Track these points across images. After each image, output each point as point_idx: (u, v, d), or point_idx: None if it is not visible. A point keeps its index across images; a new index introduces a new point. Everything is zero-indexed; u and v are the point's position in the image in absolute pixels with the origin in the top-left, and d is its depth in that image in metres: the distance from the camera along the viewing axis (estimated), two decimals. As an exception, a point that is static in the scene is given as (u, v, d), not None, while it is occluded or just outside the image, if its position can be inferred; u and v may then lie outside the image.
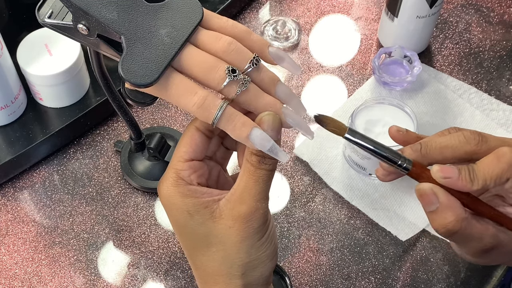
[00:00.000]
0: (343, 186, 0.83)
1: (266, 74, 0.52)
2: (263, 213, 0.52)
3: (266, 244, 0.53)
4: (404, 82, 0.88)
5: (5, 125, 0.84)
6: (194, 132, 0.54)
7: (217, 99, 0.50)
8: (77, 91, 0.85)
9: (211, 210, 0.52)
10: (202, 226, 0.52)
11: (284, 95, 0.53)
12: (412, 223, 0.80)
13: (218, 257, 0.53)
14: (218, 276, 0.54)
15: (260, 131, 0.50)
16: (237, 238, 0.52)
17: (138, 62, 0.49)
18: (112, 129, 0.88)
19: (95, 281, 0.77)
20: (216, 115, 0.50)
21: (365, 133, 0.79)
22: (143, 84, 0.49)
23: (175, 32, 0.50)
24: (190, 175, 0.53)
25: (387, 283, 0.77)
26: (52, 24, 0.53)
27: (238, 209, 0.51)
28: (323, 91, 0.92)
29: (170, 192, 0.53)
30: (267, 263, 0.54)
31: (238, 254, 0.52)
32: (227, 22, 0.53)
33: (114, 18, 0.50)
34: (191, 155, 0.54)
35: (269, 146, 0.50)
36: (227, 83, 0.50)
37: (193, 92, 0.50)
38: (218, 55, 0.51)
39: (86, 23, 0.51)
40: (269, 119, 0.51)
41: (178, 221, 0.53)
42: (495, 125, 0.87)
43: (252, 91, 0.51)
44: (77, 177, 0.84)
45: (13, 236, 0.80)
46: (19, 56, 0.80)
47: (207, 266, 0.54)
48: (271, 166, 0.52)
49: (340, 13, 0.99)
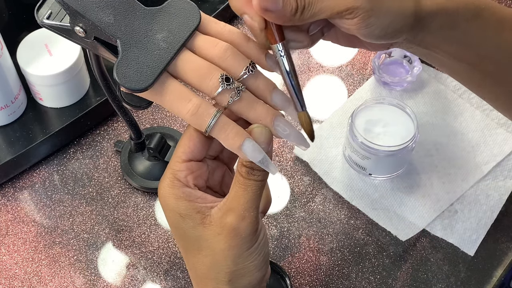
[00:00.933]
0: (343, 186, 0.83)
1: (262, 81, 0.52)
2: (251, 223, 0.52)
3: (254, 254, 0.53)
4: (404, 82, 0.88)
5: (5, 125, 0.84)
6: (192, 133, 0.54)
7: (211, 107, 0.50)
8: (77, 91, 0.85)
9: (202, 216, 0.52)
10: (193, 229, 0.52)
11: (280, 102, 0.52)
12: (412, 223, 0.80)
13: (207, 262, 0.53)
14: (207, 280, 0.54)
15: (252, 143, 0.50)
16: (225, 245, 0.52)
17: (133, 66, 0.49)
18: (112, 129, 0.88)
19: (95, 281, 0.77)
20: (209, 123, 0.50)
21: (365, 133, 0.80)
22: (137, 89, 0.49)
23: (171, 37, 0.50)
24: (186, 176, 0.53)
25: (387, 283, 0.77)
26: (50, 25, 0.53)
27: (226, 218, 0.51)
28: (323, 91, 0.92)
29: (166, 192, 0.53)
30: (255, 273, 0.54)
31: (225, 262, 0.52)
32: (225, 27, 0.52)
33: (110, 22, 0.50)
34: (188, 156, 0.53)
35: (261, 158, 0.50)
36: (220, 91, 0.50)
37: (187, 99, 0.50)
38: (214, 61, 0.50)
39: (83, 25, 0.51)
40: (259, 131, 0.51)
41: (171, 222, 0.54)
42: (495, 125, 0.87)
43: (245, 101, 0.51)
44: (77, 177, 0.84)
45: (13, 236, 0.80)
46: (19, 56, 0.80)
47: (197, 268, 0.54)
48: (260, 177, 0.52)
49: (340, 13, 0.99)
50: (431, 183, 0.83)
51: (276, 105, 0.52)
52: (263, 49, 0.53)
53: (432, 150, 0.85)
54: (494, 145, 0.85)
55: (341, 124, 0.87)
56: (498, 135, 0.86)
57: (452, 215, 0.81)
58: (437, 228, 0.80)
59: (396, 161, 0.80)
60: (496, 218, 0.81)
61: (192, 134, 0.53)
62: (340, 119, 0.88)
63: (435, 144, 0.85)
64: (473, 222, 0.80)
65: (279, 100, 0.52)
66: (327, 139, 0.86)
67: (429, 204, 0.81)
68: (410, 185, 0.83)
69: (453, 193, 0.82)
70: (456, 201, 0.82)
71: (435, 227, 0.80)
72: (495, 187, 0.83)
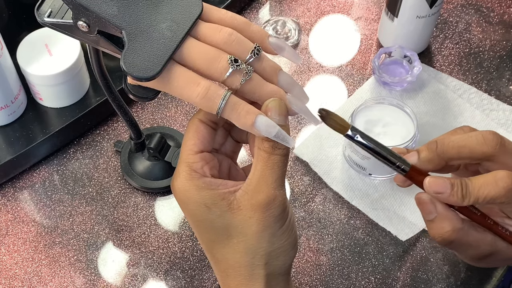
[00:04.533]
0: (343, 186, 0.83)
1: (268, 64, 0.52)
2: (281, 201, 0.52)
3: (287, 232, 0.53)
4: (404, 82, 0.88)
5: (5, 125, 0.84)
6: (198, 124, 0.54)
7: (220, 88, 0.50)
8: (77, 91, 0.85)
9: (228, 201, 0.52)
10: (220, 218, 0.52)
11: (286, 83, 0.53)
12: (412, 223, 0.80)
13: (240, 248, 0.52)
14: (241, 267, 0.53)
15: (265, 118, 0.50)
16: (258, 227, 0.51)
17: (140, 56, 0.49)
18: (112, 129, 0.88)
19: (95, 281, 0.77)
20: (220, 104, 0.50)
21: (365, 133, 0.79)
22: (145, 78, 0.49)
23: (175, 26, 0.51)
24: (202, 166, 0.53)
25: (387, 283, 0.77)
26: (51, 23, 0.53)
27: (257, 199, 0.51)
28: (323, 91, 0.92)
29: (186, 186, 0.52)
30: (289, 251, 0.54)
31: (260, 244, 0.52)
32: (226, 14, 0.53)
33: (114, 13, 0.50)
34: (200, 147, 0.53)
35: (275, 132, 0.50)
36: (230, 73, 0.50)
37: (195, 83, 0.50)
38: (219, 47, 0.51)
39: (86, 19, 0.51)
40: (275, 104, 0.51)
41: (195, 215, 0.53)
42: (495, 125, 0.87)
43: (256, 80, 0.51)
44: (77, 177, 0.84)
45: (13, 236, 0.80)
46: (19, 56, 0.81)
47: (228, 258, 0.53)
48: (284, 150, 0.52)
49: (340, 13, 0.99)
50: (431, 183, 0.83)
51: (282, 87, 0.53)
52: (265, 33, 0.53)
53: (432, 150, 0.85)
54: (494, 145, 0.85)
55: (341, 124, 0.87)
56: (498, 135, 0.86)
57: (452, 215, 0.81)
58: (437, 228, 0.80)
59: (396, 161, 0.80)
60: (496, 218, 0.81)
61: (199, 126, 0.54)
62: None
63: (435, 144, 0.85)
64: (473, 222, 0.80)
65: (285, 81, 0.53)
66: (327, 139, 0.86)
67: (429, 204, 0.81)
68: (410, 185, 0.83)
69: (453, 193, 0.82)
70: (456, 201, 0.82)
71: (435, 227, 0.80)
72: (495, 187, 0.83)
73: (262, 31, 0.53)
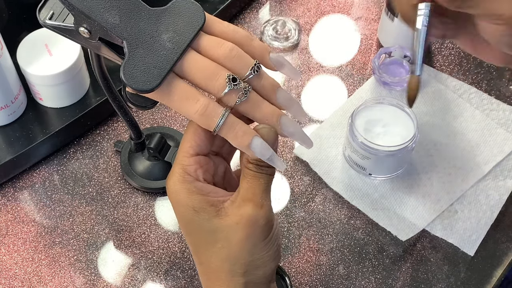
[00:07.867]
0: (343, 186, 0.83)
1: (267, 81, 0.53)
2: (268, 211, 0.53)
3: (269, 244, 0.54)
4: (404, 82, 0.88)
5: (5, 125, 0.84)
6: (197, 127, 0.54)
7: (218, 107, 0.51)
8: (77, 91, 0.85)
9: (216, 208, 0.53)
10: (208, 222, 0.53)
11: (285, 101, 0.53)
12: (412, 223, 0.80)
13: (222, 254, 0.53)
14: (221, 273, 0.54)
15: (260, 140, 0.51)
16: (242, 235, 0.52)
17: (140, 67, 0.49)
18: (112, 129, 0.88)
19: (95, 281, 0.77)
20: (218, 123, 0.50)
21: (365, 133, 0.80)
22: (145, 90, 0.49)
23: (177, 37, 0.50)
24: (196, 170, 0.54)
25: (387, 283, 0.77)
26: (53, 26, 0.53)
27: (244, 208, 0.52)
28: (323, 91, 0.92)
29: (177, 188, 0.53)
30: (269, 263, 0.54)
31: (241, 253, 0.53)
32: (228, 27, 0.53)
33: (116, 23, 0.50)
34: (196, 150, 0.54)
35: (269, 155, 0.52)
36: (227, 91, 0.50)
37: (194, 99, 0.50)
38: (220, 61, 0.51)
39: (87, 26, 0.51)
40: (264, 132, 0.52)
41: (184, 217, 0.54)
42: (495, 125, 0.87)
43: (252, 101, 0.52)
44: (77, 177, 0.84)
45: (13, 236, 0.80)
46: (19, 56, 0.80)
47: (211, 262, 0.54)
48: (269, 171, 0.53)
49: (340, 13, 0.99)
50: (431, 183, 0.83)
51: (280, 104, 0.53)
52: (266, 49, 0.53)
53: (432, 150, 0.85)
54: (494, 145, 0.85)
55: (341, 124, 0.87)
56: (498, 135, 0.86)
57: (452, 215, 0.81)
58: (437, 228, 0.80)
59: (396, 161, 0.80)
60: (496, 218, 0.81)
61: (197, 128, 0.54)
62: (340, 119, 0.88)
63: (435, 144, 0.85)
64: (473, 222, 0.80)
65: (284, 99, 0.53)
66: (327, 139, 0.86)
67: (429, 204, 0.81)
68: (410, 185, 0.83)
69: (453, 193, 0.82)
70: (456, 201, 0.82)
71: (435, 227, 0.80)
72: (495, 187, 0.83)
73: (263, 46, 0.53)
